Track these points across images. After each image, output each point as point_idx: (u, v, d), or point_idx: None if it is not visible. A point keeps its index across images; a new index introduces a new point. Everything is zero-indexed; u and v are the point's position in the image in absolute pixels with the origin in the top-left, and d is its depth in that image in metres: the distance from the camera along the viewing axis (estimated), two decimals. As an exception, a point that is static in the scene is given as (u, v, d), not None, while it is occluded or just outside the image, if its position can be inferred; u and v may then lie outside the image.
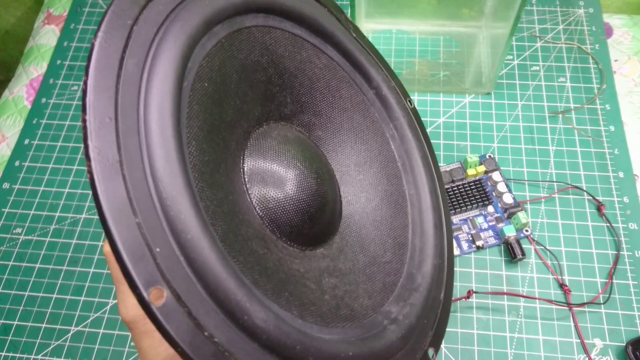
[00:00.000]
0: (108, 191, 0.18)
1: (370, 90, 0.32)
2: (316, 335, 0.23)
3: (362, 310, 0.27)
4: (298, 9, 0.28)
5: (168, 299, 0.18)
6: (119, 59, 0.20)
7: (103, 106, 0.19)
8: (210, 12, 0.24)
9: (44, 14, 0.67)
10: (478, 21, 0.56)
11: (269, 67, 0.28)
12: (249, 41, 0.27)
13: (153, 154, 0.19)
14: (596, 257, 0.47)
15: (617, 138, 0.53)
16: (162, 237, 0.19)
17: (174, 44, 0.21)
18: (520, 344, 0.44)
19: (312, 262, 0.28)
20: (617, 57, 0.58)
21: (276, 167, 0.27)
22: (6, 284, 0.49)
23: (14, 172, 0.54)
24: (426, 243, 0.31)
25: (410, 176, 0.32)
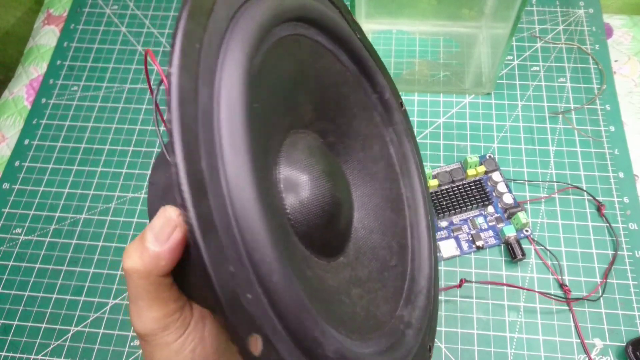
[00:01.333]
0: (209, 252, 0.18)
1: (373, 94, 0.33)
2: (362, 351, 0.23)
3: (383, 317, 0.28)
4: (323, 15, 0.28)
5: (263, 346, 0.18)
6: (195, 90, 0.19)
7: (191, 151, 0.18)
8: (261, 25, 0.23)
9: (44, 14, 0.67)
10: (478, 21, 0.56)
11: (296, 75, 0.28)
12: (284, 52, 0.26)
13: (234, 198, 0.19)
14: (596, 257, 0.47)
15: (617, 138, 0.53)
16: (249, 283, 0.19)
17: (239, 71, 0.21)
18: (520, 344, 0.44)
19: (339, 274, 0.28)
20: (617, 57, 0.58)
21: (307, 181, 0.27)
22: (6, 284, 0.49)
23: (14, 172, 0.54)
24: (422, 245, 0.32)
25: (407, 179, 0.33)
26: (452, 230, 0.48)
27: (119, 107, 0.58)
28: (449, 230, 0.48)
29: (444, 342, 0.44)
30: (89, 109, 0.58)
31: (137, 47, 0.62)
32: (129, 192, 0.53)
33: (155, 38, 0.62)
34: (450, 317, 0.45)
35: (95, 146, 0.55)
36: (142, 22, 0.63)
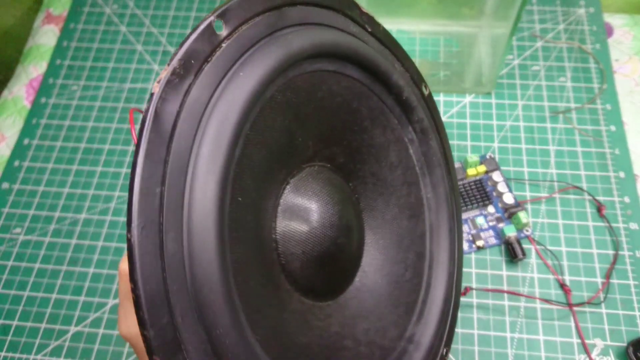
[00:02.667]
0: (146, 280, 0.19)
1: (389, 96, 0.31)
2: None
3: (391, 343, 0.27)
4: (316, 46, 0.26)
5: None
6: (159, 239, 0.19)
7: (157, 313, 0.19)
8: (233, 129, 0.22)
9: (44, 14, 0.67)
10: (478, 21, 0.56)
11: (291, 124, 0.27)
12: (271, 115, 0.25)
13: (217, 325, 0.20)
14: (597, 257, 0.47)
15: (618, 138, 0.53)
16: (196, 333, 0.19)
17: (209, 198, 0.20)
18: (520, 344, 0.44)
19: (345, 310, 0.28)
20: (618, 56, 0.58)
21: (303, 234, 0.26)
22: (5, 284, 0.49)
23: (14, 172, 0.54)
24: (441, 249, 0.30)
25: (427, 179, 0.31)
26: (453, 230, 0.48)
27: (118, 107, 0.58)
28: (449, 230, 0.48)
29: (444, 342, 0.44)
30: (88, 109, 0.58)
31: (137, 47, 0.62)
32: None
33: (155, 38, 0.62)
34: (450, 317, 0.45)
35: (95, 146, 0.55)
36: (142, 22, 0.63)
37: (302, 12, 0.26)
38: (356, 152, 0.31)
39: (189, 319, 0.19)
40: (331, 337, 0.26)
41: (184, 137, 0.20)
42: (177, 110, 0.20)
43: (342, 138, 0.30)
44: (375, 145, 0.31)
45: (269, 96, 0.24)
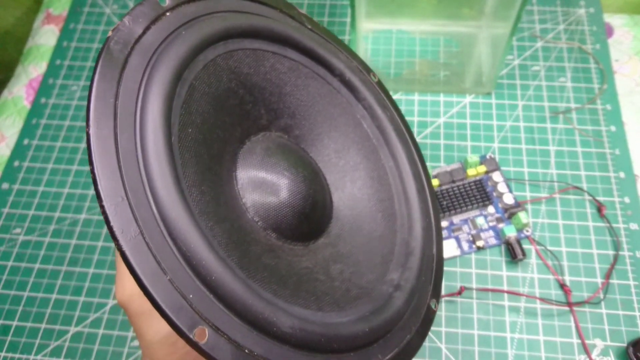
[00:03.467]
0: (139, 262, 0.21)
1: (334, 78, 0.34)
2: (335, 321, 0.26)
3: (369, 284, 0.29)
4: (252, 25, 0.30)
5: (210, 335, 0.22)
6: (114, 138, 0.23)
7: (113, 189, 0.22)
8: (176, 64, 0.26)
9: (44, 14, 0.67)
10: (478, 21, 0.56)
11: (238, 89, 0.30)
12: (215, 73, 0.28)
13: (166, 218, 0.22)
14: (597, 257, 0.47)
15: (618, 138, 0.53)
16: (192, 284, 0.22)
17: (155, 108, 0.24)
18: (520, 344, 0.44)
19: (317, 254, 0.30)
20: (618, 57, 0.58)
21: (267, 181, 0.30)
22: (5, 284, 0.49)
23: (13, 172, 0.54)
24: (412, 208, 0.33)
25: (386, 149, 0.34)
26: (453, 230, 0.48)
27: (118, 107, 0.58)
28: (449, 231, 0.48)
29: (445, 342, 0.44)
30: (88, 109, 0.58)
31: (136, 47, 0.61)
32: (128, 192, 0.52)
33: (155, 38, 0.62)
34: (450, 317, 0.45)
35: (94, 146, 0.55)
36: (142, 22, 0.63)
37: (240, 3, 0.30)
38: (312, 127, 0.34)
39: (142, 202, 0.22)
40: (302, 269, 0.29)
41: (134, 69, 0.24)
42: (128, 51, 0.24)
43: (294, 112, 0.33)
44: (329, 119, 0.34)
45: (210, 58, 0.28)
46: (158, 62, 0.25)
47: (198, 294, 0.22)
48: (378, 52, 0.58)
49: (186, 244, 0.22)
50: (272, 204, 0.29)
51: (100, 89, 0.23)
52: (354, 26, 0.48)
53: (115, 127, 0.23)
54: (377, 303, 0.28)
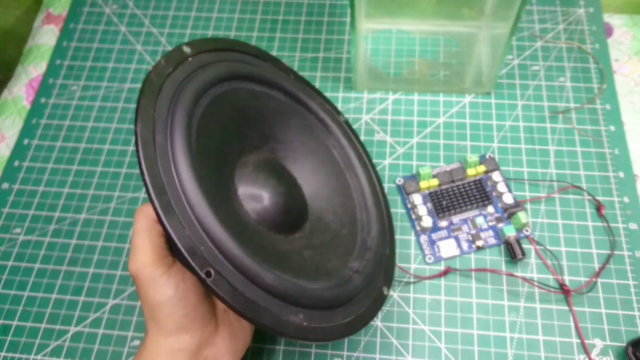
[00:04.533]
0: (168, 218, 0.30)
1: (310, 115, 0.44)
2: (306, 285, 0.34)
3: (334, 268, 0.38)
4: (249, 72, 0.40)
5: (215, 275, 0.30)
6: (152, 137, 0.32)
7: (151, 166, 0.31)
8: (194, 93, 0.35)
9: (44, 14, 0.67)
10: (478, 21, 0.56)
11: (238, 116, 0.40)
12: (221, 103, 0.38)
13: (186, 193, 0.32)
14: (596, 257, 0.47)
15: (618, 138, 0.53)
16: (203, 240, 0.31)
17: (180, 119, 0.34)
18: (520, 344, 0.44)
19: (294, 243, 0.39)
20: (618, 56, 0.58)
21: (257, 187, 0.39)
22: (5, 284, 0.49)
23: (13, 172, 0.54)
24: (370, 216, 0.42)
25: (352, 172, 0.44)
26: (452, 230, 0.48)
27: (118, 107, 0.58)
28: (448, 230, 0.48)
29: (444, 342, 0.44)
30: (88, 109, 0.58)
31: (136, 47, 0.62)
32: (128, 191, 0.52)
33: (155, 37, 0.62)
34: (450, 317, 0.45)
35: (94, 146, 0.55)
36: (142, 22, 0.63)
37: (241, 56, 0.42)
38: (293, 150, 0.43)
39: (171, 180, 0.32)
40: (281, 250, 0.38)
41: (167, 93, 0.34)
42: (163, 80, 0.35)
43: (280, 138, 0.43)
44: (306, 146, 0.44)
45: (219, 92, 0.38)
46: (183, 90, 0.35)
47: (207, 248, 0.31)
48: (378, 52, 0.58)
49: (199, 212, 0.31)
50: (262, 205, 0.39)
51: (143, 103, 0.33)
52: (354, 26, 0.48)
53: (154, 130, 0.32)
54: (339, 280, 0.37)
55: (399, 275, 0.47)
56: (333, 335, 0.35)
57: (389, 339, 0.44)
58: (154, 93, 0.34)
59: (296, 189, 0.43)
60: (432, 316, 0.45)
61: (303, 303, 0.34)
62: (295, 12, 0.63)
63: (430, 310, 0.45)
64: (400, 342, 0.44)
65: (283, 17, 0.63)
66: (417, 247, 0.48)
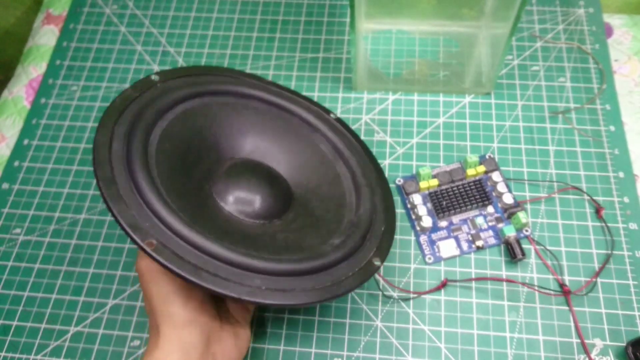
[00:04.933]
0: (115, 205, 0.33)
1: (293, 117, 0.46)
2: (266, 256, 0.35)
3: (310, 245, 0.39)
4: (223, 89, 0.44)
5: (157, 245, 0.33)
6: (109, 144, 0.36)
7: (107, 175, 0.35)
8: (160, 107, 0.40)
9: (44, 14, 0.67)
10: (478, 21, 0.56)
11: (209, 127, 0.43)
12: (192, 116, 0.42)
13: (140, 190, 0.35)
14: (596, 257, 0.47)
15: (617, 138, 0.53)
16: (149, 219, 0.34)
17: (140, 130, 0.37)
18: (520, 344, 0.44)
19: (267, 228, 0.41)
20: (617, 57, 0.58)
21: (229, 183, 0.42)
22: (5, 284, 0.49)
23: (13, 173, 0.54)
24: (361, 197, 0.43)
25: (341, 161, 0.45)
26: (452, 230, 0.48)
27: (118, 107, 0.58)
28: (448, 230, 0.48)
29: (444, 342, 0.44)
30: (88, 109, 0.58)
31: (136, 47, 0.62)
32: (128, 192, 0.52)
33: (155, 38, 0.62)
34: (450, 317, 0.45)
35: (94, 146, 0.55)
36: (142, 22, 0.63)
37: (213, 77, 0.45)
38: (279, 149, 0.46)
39: (122, 172, 0.35)
40: (250, 232, 0.39)
41: (130, 110, 0.38)
42: (128, 103, 0.39)
43: (259, 144, 0.45)
44: (293, 145, 0.46)
45: (188, 107, 0.42)
46: (147, 107, 0.39)
47: (153, 224, 0.34)
48: (377, 52, 0.58)
49: (146, 197, 0.34)
50: (237, 196, 0.41)
51: (105, 119, 0.37)
52: (354, 26, 0.48)
53: (111, 139, 0.36)
54: (312, 254, 0.37)
55: (394, 290, 0.47)
56: (298, 298, 0.35)
57: (389, 338, 0.45)
58: (117, 111, 0.38)
59: (275, 182, 0.44)
60: (431, 316, 0.45)
61: (258, 269, 0.35)
62: (295, 13, 0.63)
63: (430, 310, 0.45)
64: (400, 342, 0.44)
65: (283, 17, 0.63)
66: (417, 247, 0.48)
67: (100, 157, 0.35)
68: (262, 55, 0.60)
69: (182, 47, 0.61)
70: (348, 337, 0.45)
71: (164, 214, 0.34)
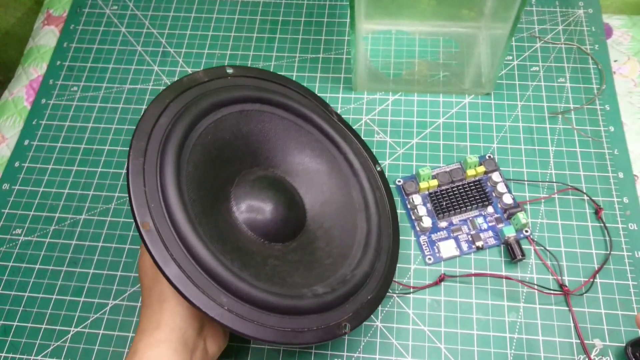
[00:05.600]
0: (133, 182, 0.34)
1: (340, 154, 0.45)
2: (243, 277, 0.35)
3: (292, 283, 0.38)
4: (242, 95, 0.42)
5: (151, 228, 0.33)
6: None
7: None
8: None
9: (44, 15, 0.67)
10: (478, 22, 0.56)
11: (231, 139, 0.42)
12: (223, 126, 0.41)
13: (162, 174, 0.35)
14: (596, 257, 0.47)
15: (617, 138, 0.53)
16: (157, 200, 0.35)
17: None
18: (520, 344, 0.44)
19: (265, 249, 0.40)
20: (617, 57, 0.58)
21: (251, 196, 0.42)
22: (6, 284, 0.49)
23: (14, 173, 0.54)
24: (366, 256, 0.41)
25: (363, 214, 0.43)
26: (452, 231, 0.48)
27: (118, 108, 0.58)
28: (448, 231, 0.48)
29: (444, 342, 0.44)
30: (88, 110, 0.58)
31: (136, 48, 0.62)
32: (128, 192, 0.53)
33: (155, 38, 0.62)
34: (450, 317, 0.45)
35: (95, 147, 0.55)
36: (142, 23, 0.63)
37: (278, 86, 0.46)
38: (293, 163, 0.45)
39: (156, 149, 0.36)
40: (246, 247, 0.39)
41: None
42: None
43: (276, 153, 0.45)
44: (308, 156, 0.45)
45: (220, 115, 0.41)
46: (208, 96, 0.40)
47: (158, 207, 0.34)
48: (377, 53, 0.58)
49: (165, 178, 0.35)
50: (253, 214, 0.41)
51: (164, 93, 0.38)
52: (353, 27, 0.48)
53: (161, 113, 0.37)
54: (288, 291, 0.37)
55: (393, 287, 0.47)
56: (251, 329, 0.34)
57: (389, 339, 0.45)
58: (179, 89, 0.39)
59: (293, 208, 0.44)
60: (431, 317, 0.45)
61: (229, 287, 0.34)
62: (295, 13, 0.63)
63: (430, 311, 0.45)
64: (400, 343, 0.44)
65: (283, 17, 0.63)
66: (417, 247, 0.48)
67: (142, 127, 0.36)
68: (262, 55, 0.60)
69: (182, 47, 0.61)
70: (348, 338, 0.45)
71: (172, 202, 0.34)
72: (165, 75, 0.59)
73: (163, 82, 0.59)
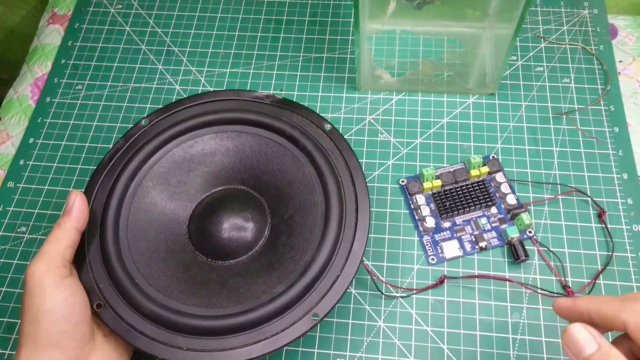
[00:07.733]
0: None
1: (279, 137, 0.45)
2: (192, 313, 0.38)
3: (252, 293, 0.39)
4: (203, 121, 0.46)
5: (105, 309, 0.38)
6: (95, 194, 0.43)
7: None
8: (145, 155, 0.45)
9: (49, 14, 0.67)
10: (482, 22, 0.56)
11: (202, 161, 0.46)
12: (173, 156, 0.46)
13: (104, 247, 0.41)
14: (599, 259, 0.47)
15: (621, 139, 0.53)
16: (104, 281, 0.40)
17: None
18: (523, 345, 0.44)
19: (222, 271, 0.42)
20: (622, 58, 0.58)
21: (206, 223, 0.44)
22: (10, 282, 0.49)
23: (19, 171, 0.55)
24: (324, 243, 0.40)
25: (320, 188, 0.42)
26: (455, 231, 0.48)
27: (123, 106, 0.58)
28: (452, 231, 0.48)
29: (447, 343, 0.44)
30: (93, 108, 0.58)
31: (141, 47, 0.62)
32: (132, 191, 0.53)
33: (159, 37, 0.62)
34: (452, 318, 0.45)
35: (99, 145, 0.56)
36: (147, 21, 0.64)
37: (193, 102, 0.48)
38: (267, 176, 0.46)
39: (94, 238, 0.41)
40: (204, 278, 0.41)
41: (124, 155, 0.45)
42: (119, 151, 0.45)
43: (256, 171, 0.46)
44: (281, 171, 0.45)
45: (172, 147, 0.46)
46: (133, 157, 0.44)
47: (106, 285, 0.39)
48: (381, 53, 0.58)
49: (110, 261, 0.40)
50: (205, 234, 0.43)
51: (95, 176, 0.44)
52: (358, 26, 0.48)
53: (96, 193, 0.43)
54: (247, 306, 0.38)
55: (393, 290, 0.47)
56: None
57: (392, 339, 0.45)
58: (104, 167, 0.44)
59: (247, 221, 0.44)
60: (434, 317, 0.45)
61: (184, 331, 0.37)
62: (299, 13, 0.63)
63: (432, 311, 0.45)
64: (403, 343, 0.44)
65: (287, 17, 0.63)
66: (420, 247, 0.48)
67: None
68: (266, 55, 0.60)
69: (186, 46, 0.61)
70: (351, 338, 0.45)
71: (119, 276, 0.39)
72: (169, 74, 0.60)
73: (167, 81, 0.59)
